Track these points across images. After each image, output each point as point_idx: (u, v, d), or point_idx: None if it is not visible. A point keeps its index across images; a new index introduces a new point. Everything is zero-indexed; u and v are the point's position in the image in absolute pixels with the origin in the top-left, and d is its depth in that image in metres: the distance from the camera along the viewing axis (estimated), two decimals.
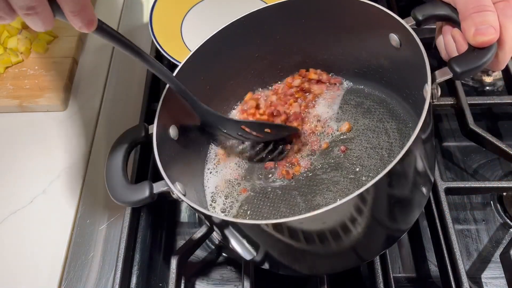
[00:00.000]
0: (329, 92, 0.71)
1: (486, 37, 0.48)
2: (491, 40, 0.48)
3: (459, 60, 0.50)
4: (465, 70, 0.49)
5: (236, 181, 0.66)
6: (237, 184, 0.66)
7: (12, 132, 0.80)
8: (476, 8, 0.49)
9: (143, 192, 0.53)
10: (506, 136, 0.78)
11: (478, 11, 0.49)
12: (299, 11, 0.64)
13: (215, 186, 0.66)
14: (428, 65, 0.50)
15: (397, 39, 0.58)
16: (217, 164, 0.68)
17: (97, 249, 0.69)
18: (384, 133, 0.65)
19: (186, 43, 0.85)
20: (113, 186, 0.55)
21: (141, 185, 0.54)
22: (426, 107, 0.47)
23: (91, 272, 0.67)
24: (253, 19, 0.64)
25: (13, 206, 0.72)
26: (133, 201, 0.54)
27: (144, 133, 0.58)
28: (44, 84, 0.84)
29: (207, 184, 0.66)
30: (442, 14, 0.54)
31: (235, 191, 0.65)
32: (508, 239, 0.68)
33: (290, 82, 0.71)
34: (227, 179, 0.66)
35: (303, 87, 0.71)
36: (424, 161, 0.53)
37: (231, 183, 0.66)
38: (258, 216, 0.62)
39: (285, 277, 0.62)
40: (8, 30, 0.88)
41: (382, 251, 0.60)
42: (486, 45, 0.49)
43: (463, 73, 0.49)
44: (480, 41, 0.48)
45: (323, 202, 0.61)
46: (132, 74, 0.87)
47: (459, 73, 0.49)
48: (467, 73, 0.49)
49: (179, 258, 0.63)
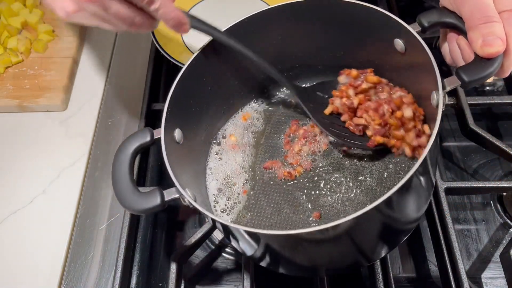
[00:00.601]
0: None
1: (494, 48, 0.49)
2: (499, 52, 0.49)
3: (467, 70, 0.50)
4: (473, 79, 0.50)
5: (237, 181, 0.66)
6: (238, 184, 0.66)
7: (12, 132, 0.80)
8: (482, 19, 0.50)
9: (154, 199, 0.52)
10: (506, 136, 0.78)
11: (484, 22, 0.49)
12: (303, 14, 0.64)
13: (216, 187, 0.65)
14: (439, 74, 0.51)
15: (402, 44, 0.58)
16: (219, 164, 0.68)
17: (97, 249, 0.69)
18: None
19: (186, 43, 0.85)
20: (121, 193, 0.53)
21: (152, 193, 0.52)
22: (439, 118, 0.48)
23: (91, 272, 0.67)
24: (256, 21, 0.64)
25: (13, 206, 0.72)
26: (144, 209, 0.52)
27: (150, 137, 0.56)
28: (44, 84, 0.84)
29: (209, 186, 0.66)
30: (448, 22, 0.54)
31: (236, 191, 0.65)
32: (508, 239, 0.68)
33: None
34: (228, 179, 0.66)
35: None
36: (433, 168, 0.53)
37: (233, 183, 0.66)
38: (262, 217, 0.62)
39: (285, 277, 0.62)
40: (8, 30, 0.88)
41: (387, 252, 0.60)
42: (493, 56, 0.49)
43: (471, 82, 0.50)
44: (488, 53, 0.49)
45: (327, 203, 0.61)
46: (132, 74, 0.88)
47: (467, 82, 0.50)
48: (475, 82, 0.50)
49: (179, 258, 0.63)
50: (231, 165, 0.67)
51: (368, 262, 0.60)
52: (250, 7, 0.64)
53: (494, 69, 0.50)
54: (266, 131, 0.70)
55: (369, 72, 0.65)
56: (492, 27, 0.49)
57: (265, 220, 0.61)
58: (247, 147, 0.69)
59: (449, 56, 0.57)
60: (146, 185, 0.75)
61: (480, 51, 0.50)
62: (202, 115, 0.65)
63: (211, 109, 0.67)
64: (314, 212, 0.61)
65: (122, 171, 0.53)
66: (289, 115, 0.71)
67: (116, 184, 0.53)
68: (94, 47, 0.92)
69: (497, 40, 0.49)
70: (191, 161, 0.63)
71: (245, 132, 0.70)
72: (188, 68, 0.60)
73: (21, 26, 0.90)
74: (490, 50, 0.49)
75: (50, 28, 0.90)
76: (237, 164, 0.67)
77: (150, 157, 0.79)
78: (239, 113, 0.72)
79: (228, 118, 0.72)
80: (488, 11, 0.50)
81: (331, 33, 0.65)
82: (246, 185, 0.65)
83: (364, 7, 0.59)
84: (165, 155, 0.53)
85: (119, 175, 0.53)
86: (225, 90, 0.68)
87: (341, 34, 0.65)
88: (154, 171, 0.78)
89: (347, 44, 0.66)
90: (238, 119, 0.72)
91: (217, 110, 0.69)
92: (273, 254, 0.56)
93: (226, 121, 0.71)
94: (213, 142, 0.69)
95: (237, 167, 0.67)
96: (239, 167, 0.67)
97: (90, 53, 0.91)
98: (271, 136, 0.69)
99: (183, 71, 0.60)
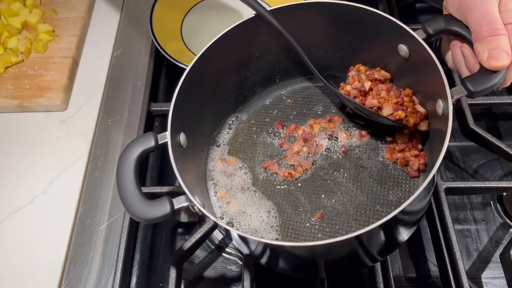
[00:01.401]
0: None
1: (499, 62, 0.49)
2: (504, 65, 0.50)
3: (473, 80, 0.51)
4: (479, 90, 0.51)
5: (238, 182, 0.66)
6: (239, 185, 0.66)
7: (12, 132, 0.80)
8: (489, 32, 0.50)
9: (164, 208, 0.50)
10: (506, 136, 0.78)
11: (491, 34, 0.50)
12: (302, 15, 0.64)
13: (217, 189, 0.65)
14: (447, 84, 0.52)
15: (406, 49, 0.59)
16: (219, 166, 0.68)
17: (97, 249, 0.69)
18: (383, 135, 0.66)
19: (186, 43, 0.85)
20: (129, 202, 0.51)
21: (161, 201, 0.51)
22: (450, 129, 0.49)
23: (91, 272, 0.67)
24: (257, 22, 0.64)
25: (14, 206, 0.72)
26: (154, 218, 0.51)
27: (154, 142, 0.54)
28: (44, 84, 0.84)
29: (210, 188, 0.66)
30: (453, 30, 0.55)
31: (237, 192, 0.65)
32: (508, 239, 0.68)
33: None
34: (229, 181, 0.66)
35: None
36: (437, 175, 0.54)
37: (233, 185, 0.66)
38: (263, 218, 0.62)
39: (285, 277, 0.62)
40: (8, 30, 0.88)
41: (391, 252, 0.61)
42: (498, 69, 0.50)
43: (477, 93, 0.51)
44: (494, 66, 0.50)
45: (328, 203, 0.62)
46: (132, 74, 0.87)
47: (473, 92, 0.51)
48: (481, 92, 0.51)
49: (179, 258, 0.63)
50: (231, 166, 0.67)
51: (372, 262, 0.60)
52: (250, 8, 0.64)
53: (499, 80, 0.50)
54: (265, 131, 0.70)
55: (377, 70, 0.65)
56: (498, 41, 0.49)
57: (266, 222, 0.61)
58: (247, 147, 0.69)
59: (451, 61, 0.58)
60: (147, 185, 0.75)
61: (486, 63, 0.50)
62: (202, 117, 0.65)
63: (211, 111, 0.67)
64: (316, 213, 0.61)
65: (127, 179, 0.52)
66: (288, 115, 0.71)
67: (123, 193, 0.51)
68: (94, 46, 0.92)
69: (503, 54, 0.49)
70: (194, 164, 0.63)
71: (244, 132, 0.70)
72: (190, 72, 0.60)
73: (21, 26, 0.90)
74: (496, 64, 0.49)
75: (50, 28, 0.90)
76: (237, 165, 0.67)
77: (150, 157, 0.79)
78: (237, 113, 0.72)
79: (227, 119, 0.72)
80: (495, 24, 0.50)
81: (335, 34, 0.66)
82: (246, 186, 0.65)
83: (369, 12, 0.59)
84: (173, 163, 0.52)
85: (125, 184, 0.52)
86: (224, 90, 0.69)
87: (343, 37, 0.65)
88: (155, 171, 0.78)
89: (349, 46, 0.66)
90: (237, 119, 0.72)
91: (216, 111, 0.69)
92: (281, 259, 0.57)
93: (225, 121, 0.71)
94: (213, 144, 0.70)
95: (237, 168, 0.67)
96: (239, 168, 0.67)
97: (90, 53, 0.91)
98: (270, 136, 0.69)
99: (186, 74, 0.59)
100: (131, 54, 0.91)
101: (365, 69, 0.65)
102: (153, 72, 0.83)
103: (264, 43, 0.67)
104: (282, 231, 0.61)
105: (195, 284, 0.67)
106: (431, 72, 0.54)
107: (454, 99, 0.51)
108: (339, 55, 0.68)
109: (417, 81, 0.60)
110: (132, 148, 0.54)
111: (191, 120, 0.62)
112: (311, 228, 0.60)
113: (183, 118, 0.59)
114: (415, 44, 0.56)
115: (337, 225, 0.60)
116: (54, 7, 0.94)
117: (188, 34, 0.87)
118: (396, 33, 0.58)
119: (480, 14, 0.51)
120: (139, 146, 0.54)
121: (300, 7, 0.63)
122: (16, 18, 0.90)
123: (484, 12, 0.51)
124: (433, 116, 0.58)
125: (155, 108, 0.78)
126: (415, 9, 0.95)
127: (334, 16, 0.63)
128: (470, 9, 0.52)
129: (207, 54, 0.61)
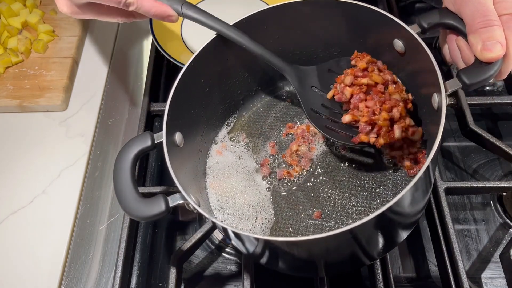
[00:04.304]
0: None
1: (493, 53, 0.49)
2: (498, 57, 0.49)
3: (468, 72, 0.51)
4: (474, 82, 0.50)
5: (236, 181, 0.66)
6: (237, 184, 0.66)
7: (12, 132, 0.81)
8: (483, 23, 0.50)
9: (159, 206, 0.51)
10: (506, 136, 0.78)
11: (485, 26, 0.49)
12: (302, 13, 0.64)
13: (215, 188, 0.65)
14: (441, 76, 0.51)
15: (401, 45, 0.58)
16: (217, 165, 0.68)
17: (97, 249, 0.69)
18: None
19: (186, 43, 0.85)
20: (125, 200, 0.52)
21: (156, 199, 0.52)
22: (443, 121, 0.49)
23: (91, 272, 0.67)
24: (255, 20, 0.64)
25: (14, 206, 0.72)
26: (149, 216, 0.51)
27: (151, 142, 0.55)
28: (44, 84, 0.84)
29: (208, 187, 0.66)
30: (447, 23, 0.55)
31: (236, 192, 0.65)
32: (508, 239, 0.68)
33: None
34: (227, 180, 0.66)
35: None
36: (433, 171, 0.54)
37: (232, 184, 0.66)
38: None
39: (284, 277, 0.62)
40: (8, 30, 0.88)
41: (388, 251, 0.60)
42: (493, 61, 0.50)
43: (472, 85, 0.50)
44: (487, 57, 0.49)
45: (327, 202, 0.62)
46: (132, 74, 0.88)
47: (468, 84, 0.50)
48: (476, 84, 0.50)
49: (179, 258, 0.63)
50: (229, 165, 0.67)
51: (370, 260, 0.60)
52: (250, 7, 0.64)
53: (494, 72, 0.50)
54: (263, 130, 0.70)
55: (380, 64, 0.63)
56: (492, 31, 0.49)
57: (265, 220, 0.62)
58: (246, 147, 0.69)
59: (448, 56, 0.57)
60: (146, 185, 0.75)
61: (480, 55, 0.50)
62: (200, 116, 0.65)
63: (209, 110, 0.67)
64: (315, 211, 0.61)
65: (124, 178, 0.53)
66: (286, 115, 0.71)
67: (119, 191, 0.52)
68: (94, 47, 0.92)
69: (497, 45, 0.49)
70: (191, 163, 0.63)
71: (243, 132, 0.70)
72: (186, 71, 0.60)
73: (21, 26, 0.90)
74: (490, 55, 0.49)
75: (50, 28, 0.90)
76: (236, 164, 0.67)
77: (150, 157, 0.79)
78: (236, 113, 0.72)
79: (226, 119, 0.72)
80: (489, 15, 0.50)
81: (331, 32, 0.66)
82: (245, 185, 0.65)
83: (364, 8, 0.59)
84: (168, 161, 0.53)
85: (121, 182, 0.52)
86: (222, 90, 0.69)
87: (340, 32, 0.65)
88: (155, 170, 0.78)
89: (345, 44, 0.66)
90: (236, 119, 0.72)
91: (214, 110, 0.69)
92: (280, 257, 0.56)
93: (223, 121, 0.71)
94: (211, 143, 0.70)
95: (235, 167, 0.67)
96: (238, 167, 0.67)
97: (90, 53, 0.91)
98: (269, 136, 0.69)
99: (182, 74, 0.59)
100: (131, 54, 0.91)
101: (369, 59, 0.62)
102: (153, 72, 0.83)
103: (263, 43, 0.67)
104: (281, 230, 0.61)
105: (195, 284, 0.67)
106: (426, 66, 0.53)
107: (449, 92, 0.51)
108: (337, 53, 0.68)
109: (413, 76, 0.60)
110: (129, 148, 0.55)
111: (188, 120, 0.62)
112: (310, 226, 0.60)
113: (180, 117, 0.59)
114: (410, 38, 0.55)
115: (336, 224, 0.60)
116: (54, 7, 0.94)
117: (188, 34, 0.87)
118: (391, 29, 0.58)
119: (474, 6, 0.51)
120: (135, 146, 0.55)
121: (296, 5, 0.63)
122: (16, 18, 0.90)
123: (478, 4, 0.50)
124: (431, 113, 0.57)
125: (155, 108, 0.78)
126: (415, 9, 0.95)
127: (329, 13, 0.63)
128: (465, 2, 0.52)
129: (203, 54, 0.61)
